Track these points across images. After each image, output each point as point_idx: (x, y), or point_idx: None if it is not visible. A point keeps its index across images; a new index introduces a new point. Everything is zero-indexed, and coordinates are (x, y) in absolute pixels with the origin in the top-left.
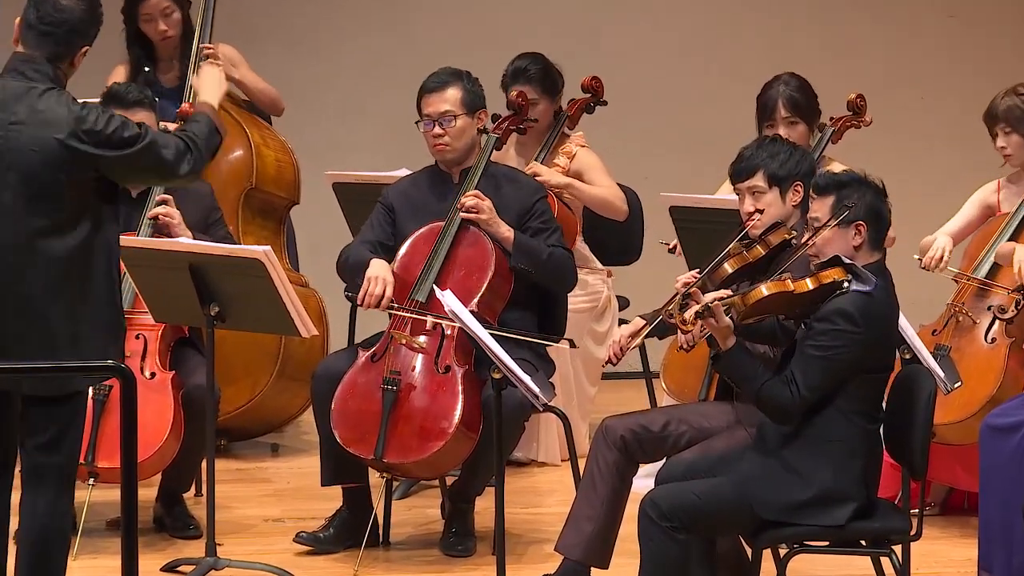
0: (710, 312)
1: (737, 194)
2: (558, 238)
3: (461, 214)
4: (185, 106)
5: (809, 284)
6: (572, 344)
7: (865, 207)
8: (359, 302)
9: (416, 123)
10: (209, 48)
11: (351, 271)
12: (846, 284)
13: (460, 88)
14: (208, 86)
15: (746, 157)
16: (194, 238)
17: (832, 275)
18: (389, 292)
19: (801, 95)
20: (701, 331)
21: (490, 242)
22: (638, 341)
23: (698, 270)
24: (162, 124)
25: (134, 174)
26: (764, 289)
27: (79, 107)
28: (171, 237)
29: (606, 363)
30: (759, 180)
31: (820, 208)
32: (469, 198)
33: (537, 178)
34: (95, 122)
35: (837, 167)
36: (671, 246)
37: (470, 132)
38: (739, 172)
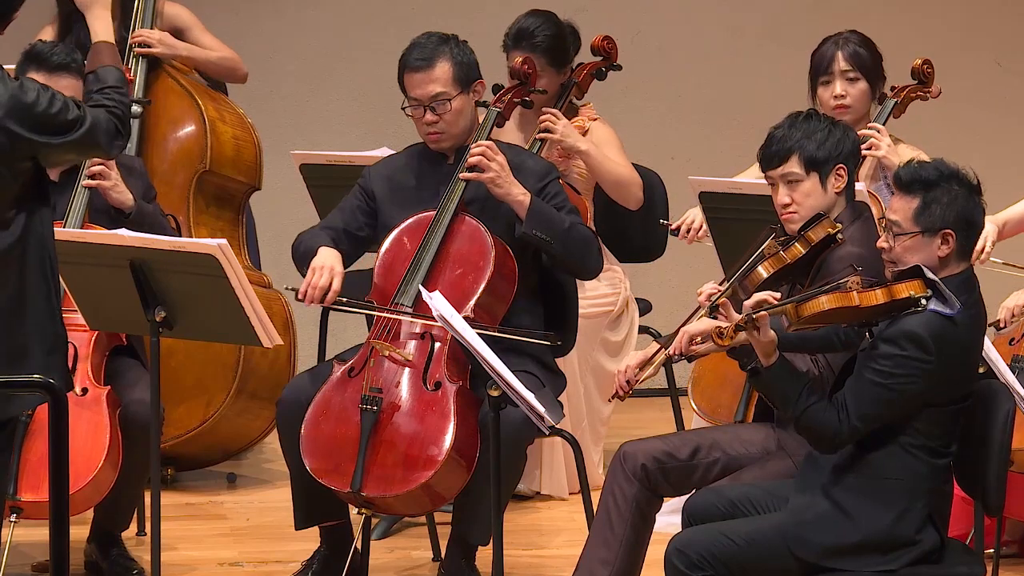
0: (754, 323)
1: (769, 183)
2: (576, 219)
3: (464, 174)
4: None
5: (879, 297)
6: (555, 339)
7: (956, 213)
8: (299, 295)
9: (403, 108)
10: (140, 34)
11: (301, 259)
12: (923, 302)
13: (449, 61)
14: (99, 14)
15: (777, 139)
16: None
17: (908, 289)
18: (336, 285)
19: (864, 49)
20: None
21: (490, 236)
22: (651, 371)
23: (724, 278)
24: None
25: (65, 159)
26: (825, 302)
27: (17, 84)
28: (111, 206)
29: (611, 398)
30: (794, 166)
31: (901, 208)
32: (475, 153)
33: (553, 136)
34: (36, 102)
35: (906, 151)
36: (674, 226)
37: (467, 111)
38: (770, 157)
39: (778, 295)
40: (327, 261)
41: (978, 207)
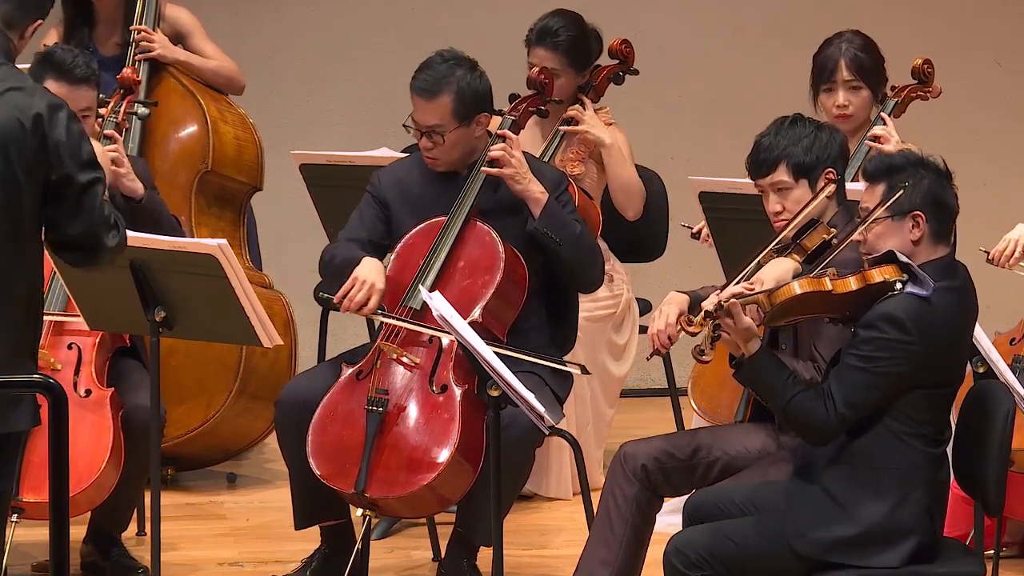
0: (724, 311)
1: (759, 191)
2: (587, 230)
3: (483, 169)
4: (127, 71)
5: (852, 283)
6: (584, 370)
7: (922, 194)
8: (335, 301)
9: (404, 125)
10: (142, 31)
11: (337, 272)
12: (899, 285)
13: (452, 96)
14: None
15: (764, 147)
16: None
17: (882, 274)
18: (374, 302)
19: (867, 55)
20: (712, 337)
21: (501, 242)
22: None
23: (728, 281)
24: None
25: (68, 213)
26: (796, 287)
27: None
28: (120, 192)
29: (651, 355)
30: (783, 174)
31: (871, 198)
32: (496, 149)
33: (580, 127)
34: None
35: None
36: (695, 230)
37: (465, 141)
38: (758, 166)
39: (750, 288)
40: (369, 276)
41: (948, 190)
